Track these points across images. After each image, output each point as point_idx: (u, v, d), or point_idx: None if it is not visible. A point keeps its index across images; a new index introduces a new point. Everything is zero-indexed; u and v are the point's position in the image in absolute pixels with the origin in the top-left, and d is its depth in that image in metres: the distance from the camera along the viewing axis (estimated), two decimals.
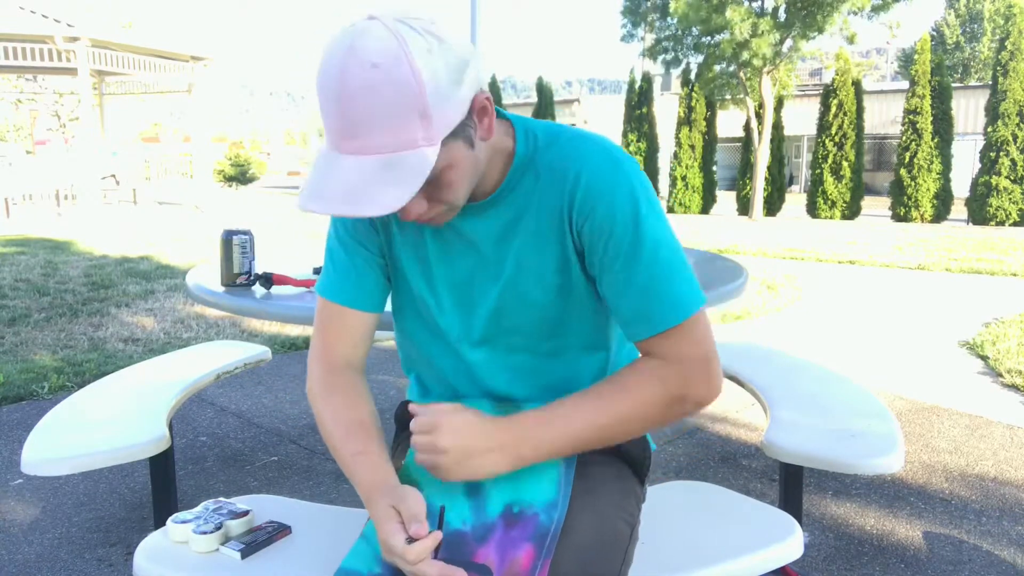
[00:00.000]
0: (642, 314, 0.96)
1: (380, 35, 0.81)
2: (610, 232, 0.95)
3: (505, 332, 1.06)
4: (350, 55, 0.81)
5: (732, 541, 1.23)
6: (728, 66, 14.96)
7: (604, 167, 0.96)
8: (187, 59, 14.08)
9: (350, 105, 0.81)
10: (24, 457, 1.62)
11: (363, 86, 0.80)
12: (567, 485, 0.97)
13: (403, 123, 0.82)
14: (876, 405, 1.92)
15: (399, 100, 0.81)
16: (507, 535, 0.91)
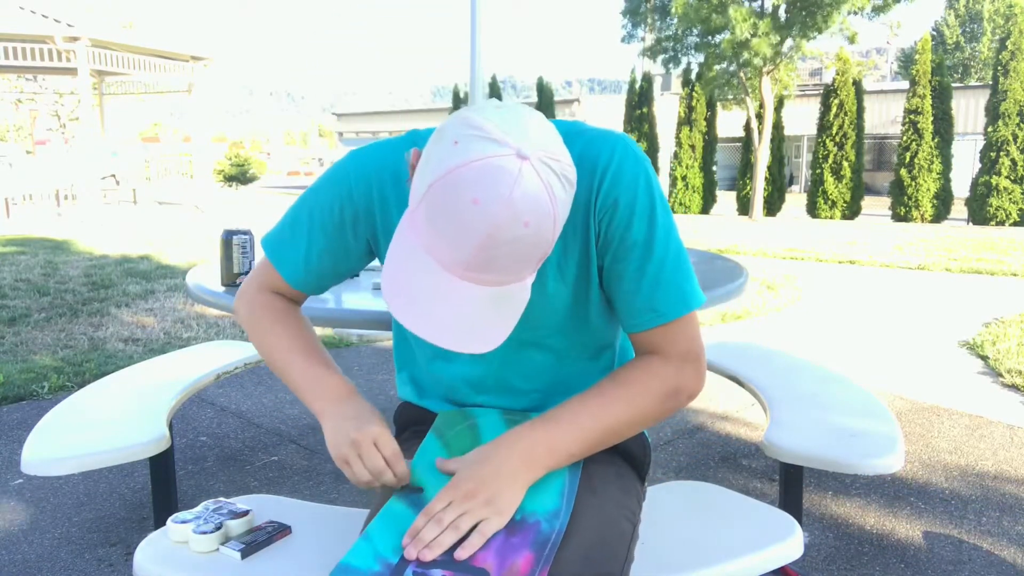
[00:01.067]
0: (650, 305, 1.00)
1: (535, 187, 0.79)
2: (628, 223, 0.99)
3: (518, 330, 1.06)
4: (506, 207, 0.78)
5: (732, 541, 1.23)
6: (728, 66, 14.96)
7: (628, 160, 0.99)
8: (187, 59, 14.09)
9: (490, 252, 0.81)
10: (24, 457, 1.62)
11: (510, 240, 0.80)
12: (571, 495, 0.97)
13: (526, 269, 0.85)
14: (876, 405, 1.92)
15: (533, 254, 0.83)
16: (507, 541, 0.90)
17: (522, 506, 0.95)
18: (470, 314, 0.85)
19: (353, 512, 1.29)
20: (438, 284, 0.84)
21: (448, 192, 0.79)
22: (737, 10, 13.35)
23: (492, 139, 0.79)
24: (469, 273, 0.83)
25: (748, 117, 15.26)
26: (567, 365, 1.11)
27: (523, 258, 0.83)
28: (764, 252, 8.97)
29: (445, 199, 0.80)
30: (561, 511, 0.94)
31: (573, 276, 1.04)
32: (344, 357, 4.03)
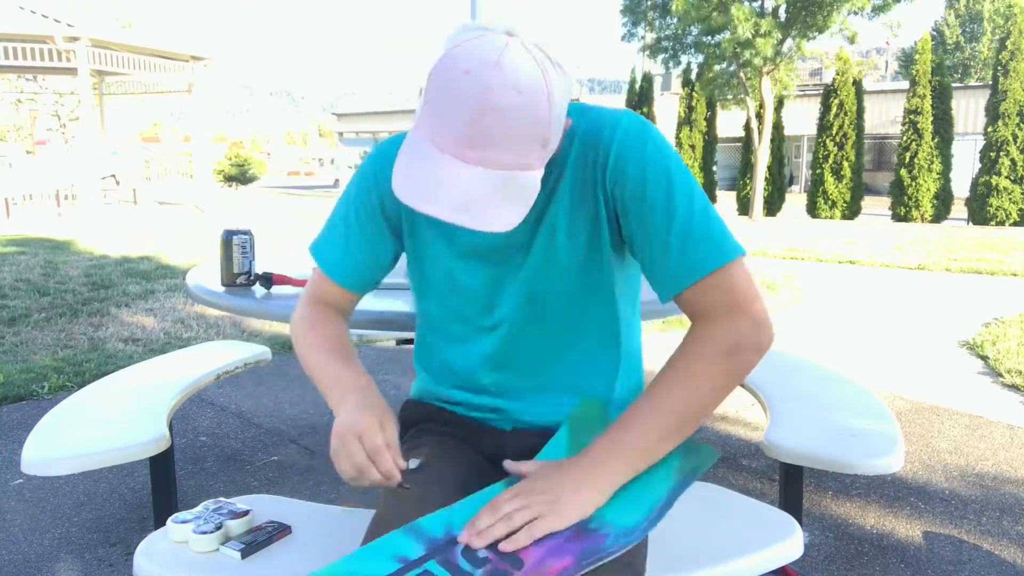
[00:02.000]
0: (683, 261, 0.97)
1: (526, 61, 0.84)
2: (643, 187, 0.98)
3: (529, 302, 1.08)
4: (496, 72, 0.83)
5: (732, 541, 1.23)
6: (728, 66, 14.96)
7: (632, 129, 1.00)
8: (187, 59, 14.09)
9: (485, 121, 0.83)
10: (24, 457, 1.62)
11: (504, 107, 0.83)
12: (655, 518, 0.92)
13: (528, 148, 0.86)
14: (876, 405, 1.92)
15: (532, 129, 0.85)
16: (564, 544, 0.88)
17: (603, 516, 0.93)
18: (480, 195, 0.85)
19: (353, 512, 1.29)
20: (445, 169, 0.85)
21: (443, 71, 0.85)
22: (739, 9, 13.35)
23: (481, 27, 0.86)
24: (470, 152, 0.84)
25: (748, 117, 15.26)
26: (582, 338, 1.12)
27: (520, 132, 0.84)
28: (764, 252, 8.97)
29: (440, 78, 0.85)
30: (636, 531, 0.90)
31: (584, 245, 1.05)
32: None
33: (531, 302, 1.09)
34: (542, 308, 1.09)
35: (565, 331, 1.11)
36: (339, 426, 0.97)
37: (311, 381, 1.13)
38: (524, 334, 1.11)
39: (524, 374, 1.14)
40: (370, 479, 0.94)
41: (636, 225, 1.00)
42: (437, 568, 0.87)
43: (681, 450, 1.01)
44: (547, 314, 1.10)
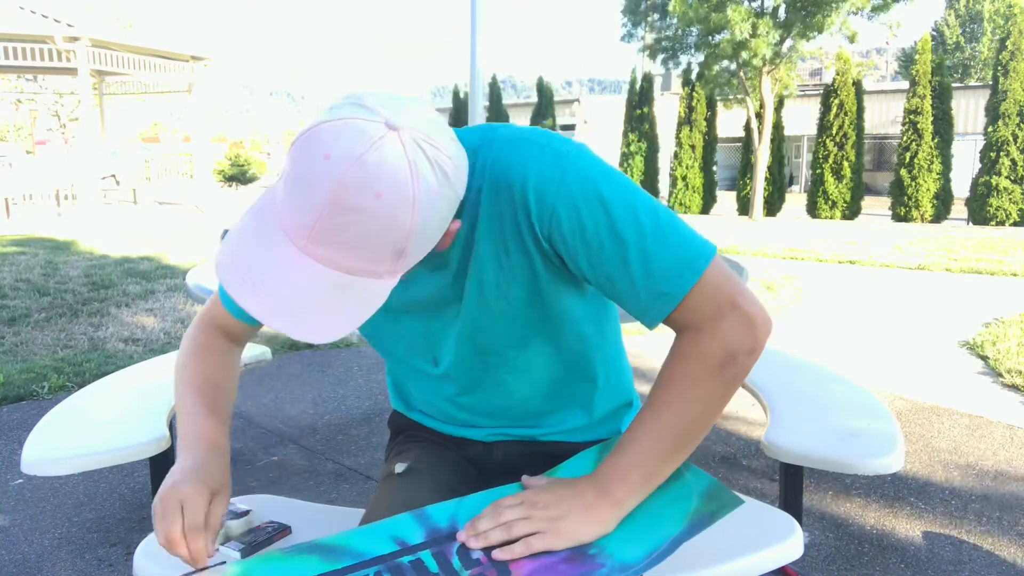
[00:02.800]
0: (656, 291, 0.87)
1: (395, 158, 0.73)
2: (581, 226, 0.86)
3: (474, 353, 1.02)
4: (357, 168, 0.72)
5: (732, 541, 1.23)
6: (728, 66, 14.96)
7: (546, 165, 0.87)
8: (187, 59, 14.09)
9: (334, 220, 0.73)
10: (24, 457, 1.62)
11: (356, 209, 0.72)
12: (653, 563, 0.90)
13: (378, 256, 0.76)
14: (876, 405, 1.92)
15: (383, 238, 0.74)
16: (556, 566, 0.87)
17: (604, 544, 0.91)
18: (311, 296, 0.76)
19: (353, 512, 1.29)
20: (280, 257, 0.75)
21: (304, 147, 0.74)
22: (735, 10, 13.35)
23: (365, 106, 0.75)
24: (313, 247, 0.74)
25: (748, 117, 15.26)
26: (546, 375, 1.06)
27: (372, 238, 0.74)
28: (764, 252, 8.97)
29: (300, 154, 0.74)
30: (633, 568, 0.88)
31: (522, 295, 0.96)
32: (344, 357, 4.03)
33: (476, 353, 1.02)
34: (490, 357, 1.03)
35: (523, 373, 1.05)
36: (165, 486, 0.89)
37: (310, 380, 1.12)
38: (479, 381, 1.06)
39: (492, 412, 1.11)
40: (177, 553, 0.86)
41: (589, 267, 0.89)
42: (430, 559, 0.87)
43: (702, 493, 0.99)
44: (498, 361, 1.03)
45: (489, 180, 0.89)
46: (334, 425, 3.05)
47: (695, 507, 0.97)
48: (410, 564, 0.87)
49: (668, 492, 0.98)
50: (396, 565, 0.87)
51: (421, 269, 0.92)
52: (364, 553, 0.89)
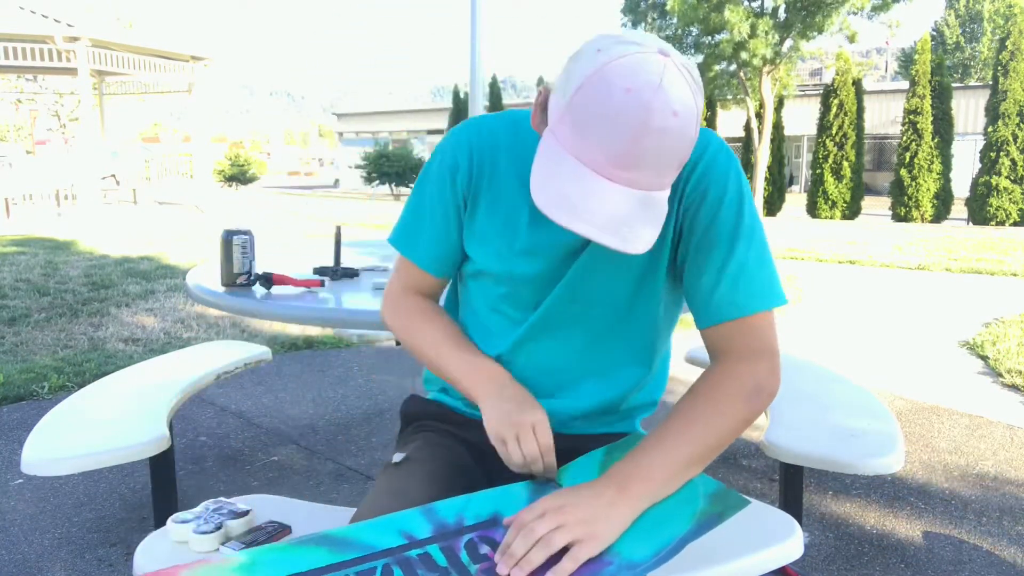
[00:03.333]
0: (730, 298, 1.00)
1: (680, 82, 0.83)
2: (715, 214, 1.00)
3: (571, 301, 1.08)
4: (659, 94, 0.81)
5: (732, 541, 1.23)
6: (728, 66, 14.97)
7: (720, 153, 1.02)
8: (187, 59, 14.08)
9: (643, 142, 0.82)
10: (24, 457, 1.62)
11: (662, 129, 0.82)
12: (659, 562, 0.90)
13: (672, 169, 0.87)
14: (876, 405, 1.92)
15: (679, 151, 0.85)
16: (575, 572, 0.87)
17: (612, 544, 0.91)
18: (624, 215, 0.85)
19: (353, 512, 1.29)
20: (592, 187, 0.84)
21: (599, 88, 0.82)
22: (734, 10, 13.35)
23: (633, 41, 0.84)
24: (618, 172, 0.84)
25: (748, 117, 15.27)
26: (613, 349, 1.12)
27: (669, 155, 0.84)
28: None
29: (596, 95, 0.82)
30: (640, 567, 0.88)
31: (637, 261, 1.05)
32: (344, 357, 4.03)
33: (572, 299, 1.08)
34: (580, 307, 1.08)
35: (600, 333, 1.11)
36: (515, 415, 1.01)
37: (310, 380, 1.13)
38: (557, 334, 1.10)
39: (542, 375, 1.13)
40: (534, 470, 1.00)
41: (695, 249, 1.02)
42: (438, 552, 0.88)
43: (708, 494, 0.99)
44: (585, 314, 1.09)
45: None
46: (334, 425, 3.05)
47: (702, 508, 0.98)
48: (418, 557, 0.87)
49: (675, 494, 0.99)
50: (404, 558, 0.87)
51: None
52: (372, 546, 0.89)
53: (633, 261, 1.05)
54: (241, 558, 0.88)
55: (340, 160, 32.47)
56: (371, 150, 24.62)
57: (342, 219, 12.84)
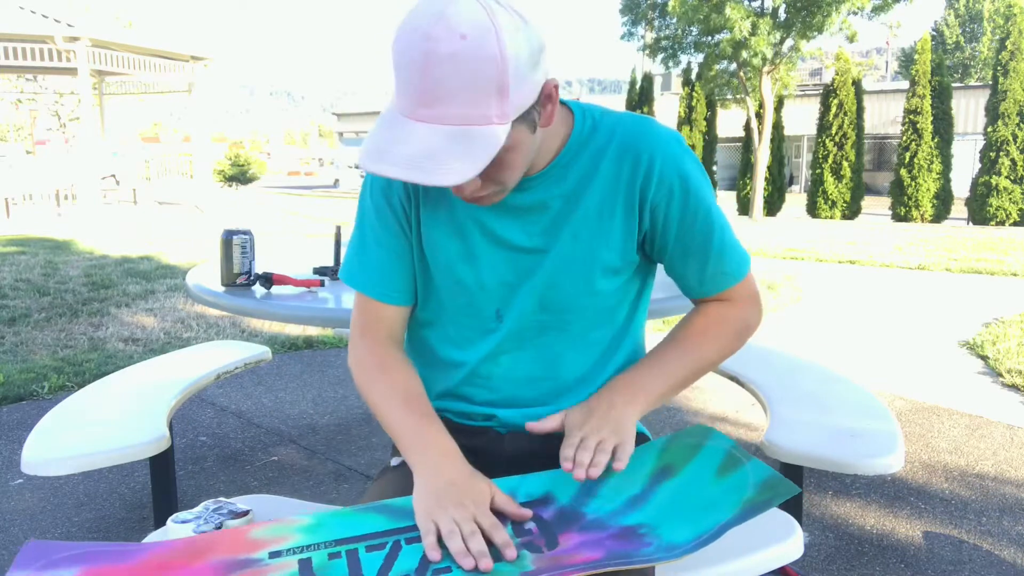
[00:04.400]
0: (721, 269, 1.10)
1: (470, 6, 0.82)
2: (684, 203, 1.04)
3: (540, 308, 1.08)
4: (439, 21, 0.81)
5: (732, 541, 1.23)
6: (728, 65, 14.96)
7: (676, 150, 1.05)
8: (187, 59, 14.08)
9: (433, 72, 0.82)
10: (24, 457, 1.62)
11: (449, 54, 0.81)
12: (699, 546, 0.91)
13: (481, 97, 0.83)
14: (876, 405, 1.92)
15: (482, 74, 0.82)
16: (606, 539, 0.90)
17: (654, 524, 0.92)
18: (427, 149, 0.84)
19: None
20: (400, 131, 0.85)
21: (397, 36, 0.85)
22: (735, 9, 13.35)
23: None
24: (424, 110, 0.84)
25: (748, 117, 15.26)
26: (587, 349, 1.12)
27: (471, 79, 0.82)
28: (764, 252, 8.97)
29: (395, 44, 0.85)
30: (679, 549, 0.89)
31: (610, 248, 1.06)
32: (344, 357, 4.03)
33: (541, 308, 1.08)
34: (552, 315, 1.09)
35: (577, 343, 1.11)
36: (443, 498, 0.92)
37: (310, 380, 1.13)
38: (531, 343, 1.10)
39: (521, 386, 1.12)
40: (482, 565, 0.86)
41: (675, 239, 1.07)
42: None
43: (759, 483, 0.99)
44: (558, 322, 1.09)
45: (617, 143, 1.04)
46: (334, 425, 3.06)
47: (749, 496, 0.98)
48: None
49: (726, 481, 1.00)
50: None
51: (518, 207, 1.03)
52: None
53: (596, 262, 1.06)
54: (308, 519, 0.96)
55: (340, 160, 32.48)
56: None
57: (342, 219, 12.84)
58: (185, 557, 0.90)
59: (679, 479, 1.01)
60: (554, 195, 1.04)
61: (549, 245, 1.05)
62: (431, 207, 1.08)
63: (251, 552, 0.90)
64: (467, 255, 1.07)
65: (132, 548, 0.91)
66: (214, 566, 0.88)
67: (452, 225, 1.07)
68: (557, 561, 0.87)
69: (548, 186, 1.04)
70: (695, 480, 1.01)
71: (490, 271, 1.07)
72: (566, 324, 1.09)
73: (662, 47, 15.88)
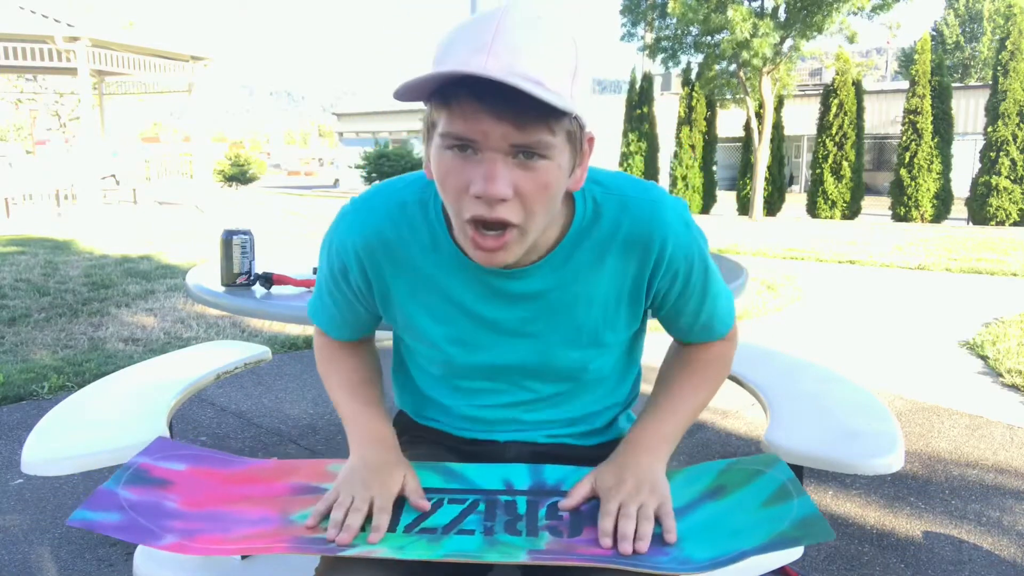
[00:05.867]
0: (708, 327, 1.14)
1: (539, 9, 0.84)
2: (685, 284, 1.06)
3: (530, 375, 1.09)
4: (513, 7, 0.82)
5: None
6: (728, 66, 14.96)
7: (684, 236, 1.03)
8: (187, 59, 14.08)
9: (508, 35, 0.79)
10: (24, 457, 1.62)
11: (524, 22, 0.81)
12: (715, 566, 0.90)
13: (557, 66, 0.81)
14: (876, 405, 1.92)
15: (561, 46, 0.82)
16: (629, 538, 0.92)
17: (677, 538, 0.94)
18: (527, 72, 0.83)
19: None
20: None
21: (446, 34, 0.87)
22: (736, 9, 13.35)
23: None
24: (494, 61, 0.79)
25: (748, 117, 15.26)
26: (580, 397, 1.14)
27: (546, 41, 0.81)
28: (764, 252, 8.97)
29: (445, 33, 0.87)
30: (694, 566, 0.89)
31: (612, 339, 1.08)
32: None
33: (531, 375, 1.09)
34: (541, 375, 1.09)
35: (564, 394, 1.12)
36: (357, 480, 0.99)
37: (310, 380, 1.15)
38: (517, 387, 1.11)
39: (511, 424, 1.14)
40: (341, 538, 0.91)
41: (671, 303, 1.09)
42: (523, 503, 1.00)
43: (797, 519, 0.96)
44: (546, 377, 1.10)
45: (624, 236, 1.00)
46: (334, 425, 3.05)
47: (782, 529, 0.95)
48: (504, 503, 1.00)
49: (768, 511, 0.97)
50: (493, 499, 1.01)
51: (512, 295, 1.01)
52: (475, 483, 1.04)
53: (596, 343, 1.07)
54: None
55: (340, 160, 32.47)
56: (371, 150, 24.62)
57: None
58: (271, 476, 1.07)
59: (725, 501, 1.00)
60: (551, 286, 1.01)
61: (544, 332, 1.04)
62: (402, 288, 1.05)
63: (323, 481, 1.06)
64: (455, 339, 1.06)
65: (234, 459, 1.10)
66: (291, 487, 1.05)
67: (428, 308, 1.05)
68: (567, 548, 0.90)
69: (545, 275, 1.00)
70: (740, 505, 0.99)
71: (475, 353, 1.06)
72: (556, 379, 1.11)
73: (662, 47, 15.88)
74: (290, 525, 0.95)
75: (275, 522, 0.96)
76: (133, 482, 0.99)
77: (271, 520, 0.96)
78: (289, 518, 0.97)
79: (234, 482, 1.04)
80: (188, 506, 0.98)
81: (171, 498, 0.98)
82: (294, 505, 1.00)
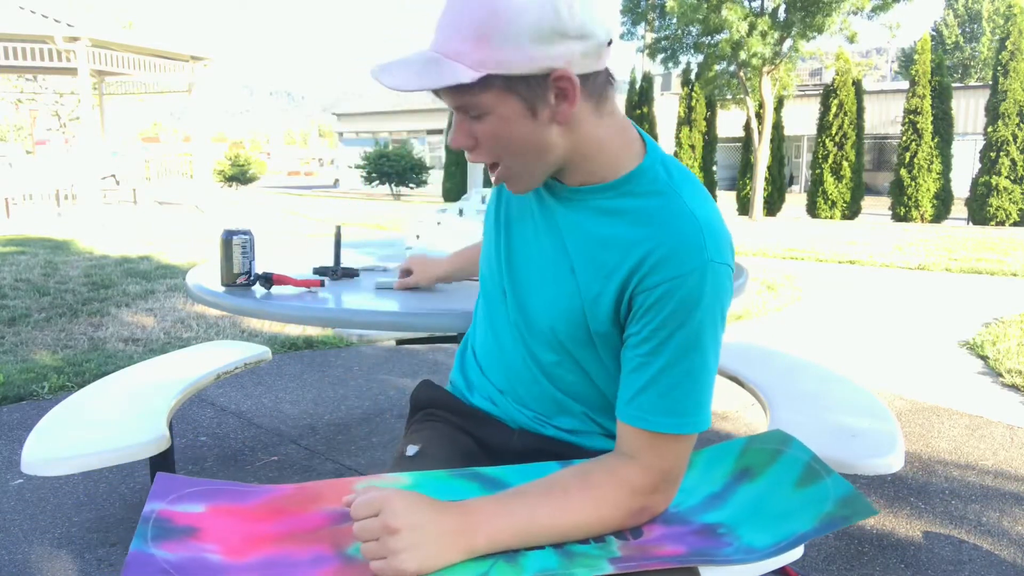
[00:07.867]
0: (646, 404, 0.91)
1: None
2: (658, 311, 0.90)
3: (518, 319, 1.08)
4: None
5: None
6: (728, 66, 14.97)
7: (688, 247, 0.89)
8: (187, 59, 14.08)
9: (443, 13, 0.89)
10: (24, 457, 1.62)
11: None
12: (775, 552, 0.90)
13: (460, 35, 0.87)
14: (876, 405, 1.92)
15: (468, 13, 0.86)
16: (688, 535, 0.92)
17: (734, 525, 0.94)
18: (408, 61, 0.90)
19: None
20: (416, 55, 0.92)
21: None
22: (732, 9, 13.34)
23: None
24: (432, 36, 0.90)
25: (748, 117, 15.26)
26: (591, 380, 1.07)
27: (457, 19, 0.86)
28: (764, 252, 8.97)
29: None
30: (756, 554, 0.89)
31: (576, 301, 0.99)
32: (344, 357, 4.03)
33: (518, 323, 1.09)
34: (525, 333, 1.08)
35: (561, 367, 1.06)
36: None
37: (310, 380, 1.15)
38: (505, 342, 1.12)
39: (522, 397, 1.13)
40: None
41: (636, 339, 0.92)
42: None
43: (839, 499, 0.97)
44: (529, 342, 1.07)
45: (667, 218, 0.91)
46: (334, 425, 3.05)
47: (829, 510, 0.96)
48: None
49: (806, 492, 0.98)
50: None
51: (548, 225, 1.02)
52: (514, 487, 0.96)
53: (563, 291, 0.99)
54: (408, 479, 1.00)
55: (340, 160, 32.47)
56: (371, 150, 24.63)
57: (342, 219, 12.84)
58: (298, 505, 0.97)
59: (759, 483, 1.01)
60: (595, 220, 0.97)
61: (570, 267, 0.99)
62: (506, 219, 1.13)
63: None
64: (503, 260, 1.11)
65: (247, 489, 0.99)
66: (328, 516, 0.94)
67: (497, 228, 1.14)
68: (643, 551, 0.89)
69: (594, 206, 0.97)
70: (775, 487, 1.00)
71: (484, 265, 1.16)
72: (535, 349, 1.06)
73: (662, 47, 15.88)
74: (351, 562, 0.87)
75: (333, 560, 0.88)
76: (161, 536, 0.90)
77: (328, 559, 0.88)
78: (346, 553, 0.89)
79: (261, 518, 0.95)
80: (233, 555, 0.89)
81: (210, 548, 0.89)
82: (343, 538, 0.91)
